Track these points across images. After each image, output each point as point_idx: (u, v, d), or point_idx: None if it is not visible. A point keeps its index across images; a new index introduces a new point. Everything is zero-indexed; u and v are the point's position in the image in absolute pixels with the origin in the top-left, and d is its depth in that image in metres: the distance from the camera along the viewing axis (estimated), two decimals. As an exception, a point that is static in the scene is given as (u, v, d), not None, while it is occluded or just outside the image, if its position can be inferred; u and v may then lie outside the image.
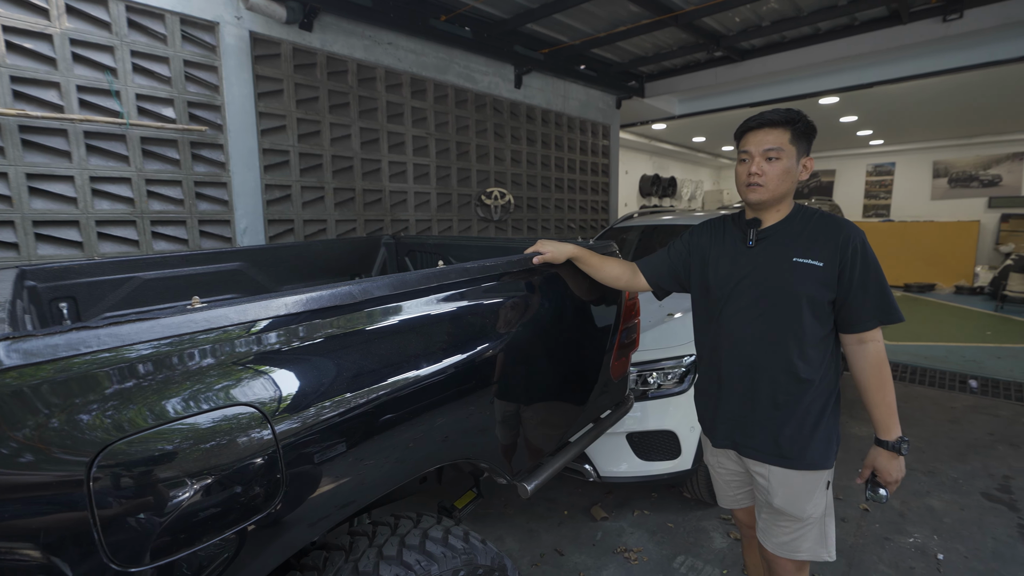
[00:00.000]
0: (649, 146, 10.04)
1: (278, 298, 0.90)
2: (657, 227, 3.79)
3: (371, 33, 3.63)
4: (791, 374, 1.29)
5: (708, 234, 1.49)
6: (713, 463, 1.58)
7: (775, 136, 1.27)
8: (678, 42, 4.75)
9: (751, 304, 1.32)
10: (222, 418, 0.80)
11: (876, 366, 1.26)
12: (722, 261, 1.39)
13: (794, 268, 1.26)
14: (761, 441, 1.35)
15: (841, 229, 1.26)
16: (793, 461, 1.31)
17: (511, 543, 2.36)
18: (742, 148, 1.33)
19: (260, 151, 3.16)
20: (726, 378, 1.39)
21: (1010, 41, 4.26)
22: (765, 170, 1.27)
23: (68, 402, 0.69)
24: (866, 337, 1.26)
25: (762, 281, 1.31)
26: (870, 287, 1.23)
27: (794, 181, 1.30)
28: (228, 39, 2.96)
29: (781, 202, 1.33)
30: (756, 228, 1.35)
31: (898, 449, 1.27)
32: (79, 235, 2.60)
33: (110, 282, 1.99)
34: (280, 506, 0.87)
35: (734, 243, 1.40)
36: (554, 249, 1.54)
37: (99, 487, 0.70)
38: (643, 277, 1.58)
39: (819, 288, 1.25)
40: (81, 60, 2.52)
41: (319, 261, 2.61)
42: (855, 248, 1.24)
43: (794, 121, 1.27)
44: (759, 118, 1.30)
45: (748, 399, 1.35)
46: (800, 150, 1.29)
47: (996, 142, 10.05)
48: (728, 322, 1.36)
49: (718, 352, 1.40)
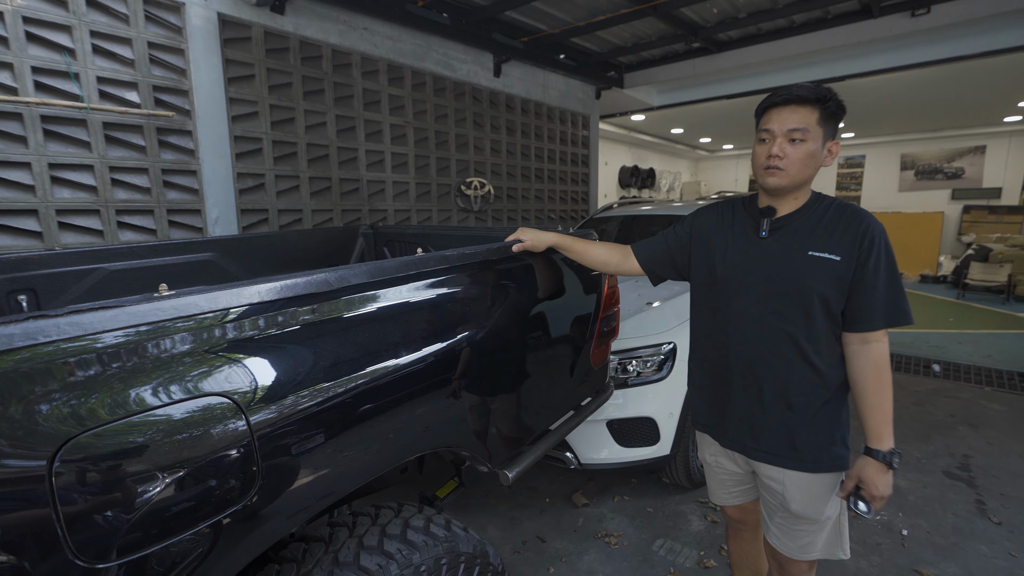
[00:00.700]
0: (628, 137, 10.09)
1: (251, 286, 0.87)
2: (636, 217, 3.82)
3: (346, 18, 3.54)
4: (806, 374, 1.20)
5: (714, 219, 1.37)
6: (711, 462, 1.48)
7: (802, 115, 1.13)
8: (657, 32, 4.76)
9: (762, 299, 1.22)
10: (193, 409, 0.77)
11: (877, 368, 1.16)
12: (730, 250, 1.28)
13: (810, 262, 1.16)
14: (776, 445, 1.25)
15: (861, 221, 1.16)
16: (812, 464, 1.23)
17: (493, 531, 2.37)
18: (763, 126, 1.19)
19: (231, 138, 3.06)
20: (735, 378, 1.29)
21: (974, 37, 4.40)
22: (787, 152, 1.15)
23: (26, 394, 0.66)
24: (871, 337, 1.16)
25: (775, 275, 1.20)
26: (883, 285, 1.14)
27: (817, 166, 1.18)
28: (195, 20, 2.84)
29: (800, 189, 1.21)
30: (770, 217, 1.24)
31: (889, 462, 1.15)
32: (38, 225, 2.48)
33: (73, 273, 1.91)
34: (256, 498, 0.85)
35: (744, 231, 1.28)
36: (534, 237, 1.48)
37: (62, 482, 0.67)
38: (635, 260, 1.49)
39: (835, 284, 1.15)
40: (36, 40, 2.39)
41: (294, 252, 2.55)
42: (872, 241, 1.14)
43: (825, 99, 1.13)
44: (785, 92, 1.16)
45: (759, 400, 1.26)
46: (827, 132, 1.16)
47: (960, 136, 10.42)
48: (736, 317, 1.27)
49: (724, 350, 1.30)
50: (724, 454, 1.42)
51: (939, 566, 2.09)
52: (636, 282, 2.94)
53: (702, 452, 1.52)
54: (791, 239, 1.20)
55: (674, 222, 3.71)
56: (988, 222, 10.16)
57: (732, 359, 1.29)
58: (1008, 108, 8.18)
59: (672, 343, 2.36)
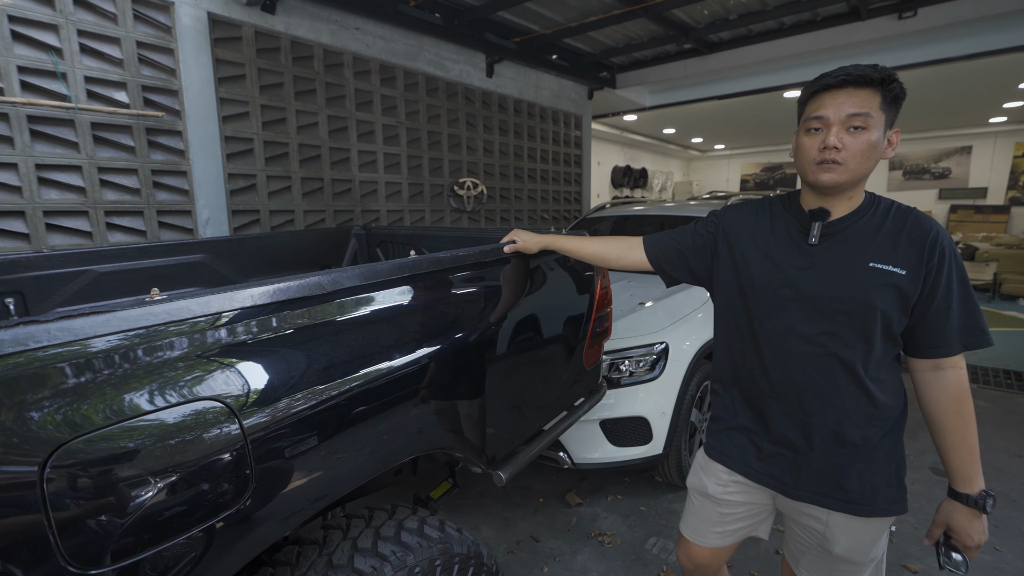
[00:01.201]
0: (621, 137, 10.13)
1: (243, 289, 0.87)
2: (628, 218, 3.84)
3: (338, 17, 3.53)
4: (862, 404, 1.04)
5: (749, 220, 1.18)
6: (716, 494, 1.24)
7: (863, 98, 0.96)
8: (648, 33, 4.79)
9: (812, 316, 1.05)
10: (185, 413, 0.77)
11: (957, 399, 1.01)
12: (770, 258, 1.10)
13: (871, 275, 1.00)
14: (822, 484, 1.09)
15: (929, 229, 1.00)
16: (864, 507, 1.06)
17: (487, 531, 2.38)
18: (814, 114, 1.00)
19: (222, 138, 3.04)
20: (775, 407, 1.12)
21: (959, 39, 4.47)
22: (847, 143, 0.97)
23: (16, 401, 0.65)
24: (945, 363, 1.01)
25: (829, 289, 1.03)
26: (957, 303, 0.99)
27: (878, 160, 1.00)
28: (185, 20, 2.82)
29: (856, 187, 1.03)
30: (823, 221, 1.05)
31: (982, 506, 1.00)
32: (25, 227, 2.45)
33: (61, 276, 1.89)
34: (249, 502, 0.85)
35: (788, 236, 1.10)
36: (527, 238, 1.45)
37: (54, 488, 0.67)
38: (642, 253, 1.31)
39: (900, 302, 0.99)
40: (22, 39, 2.36)
41: (287, 253, 2.54)
42: (943, 253, 0.98)
43: (888, 81, 0.96)
44: (841, 73, 0.98)
45: (804, 434, 1.09)
46: (889, 119, 0.99)
47: (946, 136, 10.57)
48: (779, 337, 1.09)
49: (762, 374, 1.13)
50: (741, 487, 1.22)
51: (926, 561, 2.13)
52: (629, 282, 2.95)
53: (703, 481, 1.28)
54: (847, 247, 1.03)
55: (666, 223, 3.75)
56: (974, 221, 10.33)
57: (771, 385, 1.12)
58: (993, 109, 8.31)
59: (664, 343, 2.38)
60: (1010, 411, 3.62)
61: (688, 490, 1.36)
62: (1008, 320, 6.41)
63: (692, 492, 1.33)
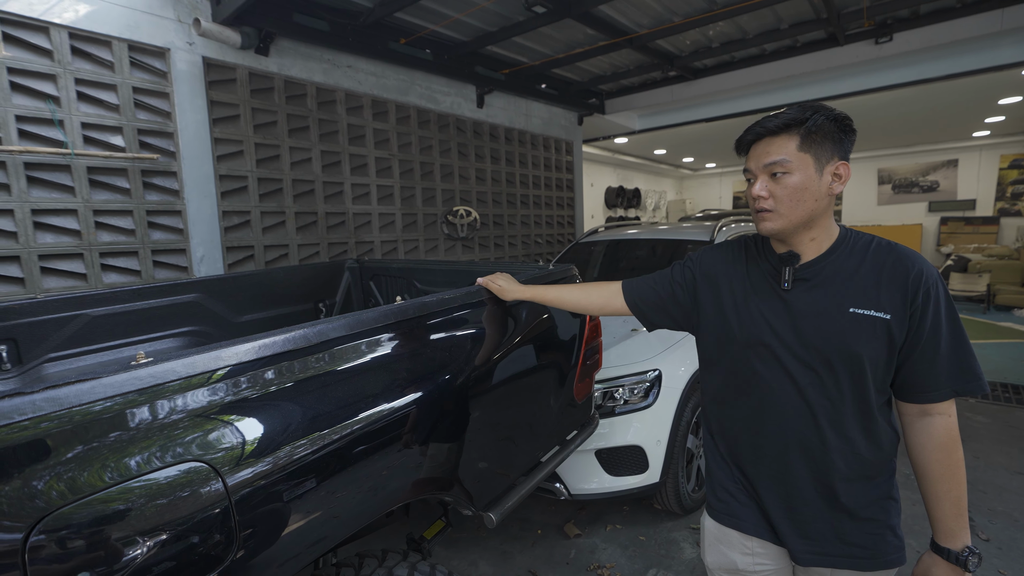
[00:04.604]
0: (613, 159, 10.29)
1: (229, 347, 0.89)
2: (621, 241, 3.88)
3: (330, 56, 3.62)
4: (853, 458, 0.99)
5: (726, 264, 1.14)
6: (744, 564, 1.13)
7: (778, 145, 0.97)
8: (634, 62, 4.92)
9: (794, 367, 1.00)
10: (169, 476, 0.78)
11: (944, 448, 0.95)
12: (748, 306, 1.06)
13: (853, 322, 0.95)
14: (824, 543, 1.04)
15: (911, 266, 0.95)
16: (865, 562, 1.02)
17: (485, 567, 2.34)
18: (745, 167, 1.03)
19: (216, 177, 3.10)
20: (765, 462, 1.07)
21: (935, 61, 4.60)
22: (773, 191, 0.97)
23: (1, 472, 0.66)
24: (933, 409, 0.96)
25: (808, 337, 0.98)
26: (946, 346, 0.93)
27: (817, 199, 0.96)
28: (180, 65, 2.90)
29: (810, 228, 1.00)
30: (792, 266, 1.01)
31: (964, 564, 0.94)
32: (20, 271, 2.47)
33: (54, 321, 1.90)
34: (234, 560, 0.85)
35: (763, 280, 1.06)
36: (506, 285, 1.42)
37: (36, 558, 0.67)
38: (622, 302, 1.29)
39: (888, 348, 0.95)
40: (20, 89, 2.42)
41: (281, 288, 2.56)
42: (927, 292, 0.93)
43: (799, 122, 0.95)
44: (756, 128, 1.00)
45: (796, 490, 1.04)
46: (819, 156, 0.96)
47: (932, 150, 10.76)
48: (763, 389, 1.05)
49: (749, 427, 1.09)
50: (767, 550, 1.11)
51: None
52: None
53: (728, 556, 1.15)
54: (825, 291, 0.98)
55: (658, 246, 3.77)
56: (965, 233, 10.43)
57: (759, 439, 1.07)
58: (976, 124, 8.48)
59: (658, 370, 2.39)
60: (1009, 425, 3.61)
61: (709, 569, 1.21)
62: (1004, 332, 6.43)
63: (716, 572, 1.19)
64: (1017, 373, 4.70)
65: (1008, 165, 10.09)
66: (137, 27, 2.73)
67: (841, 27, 4.05)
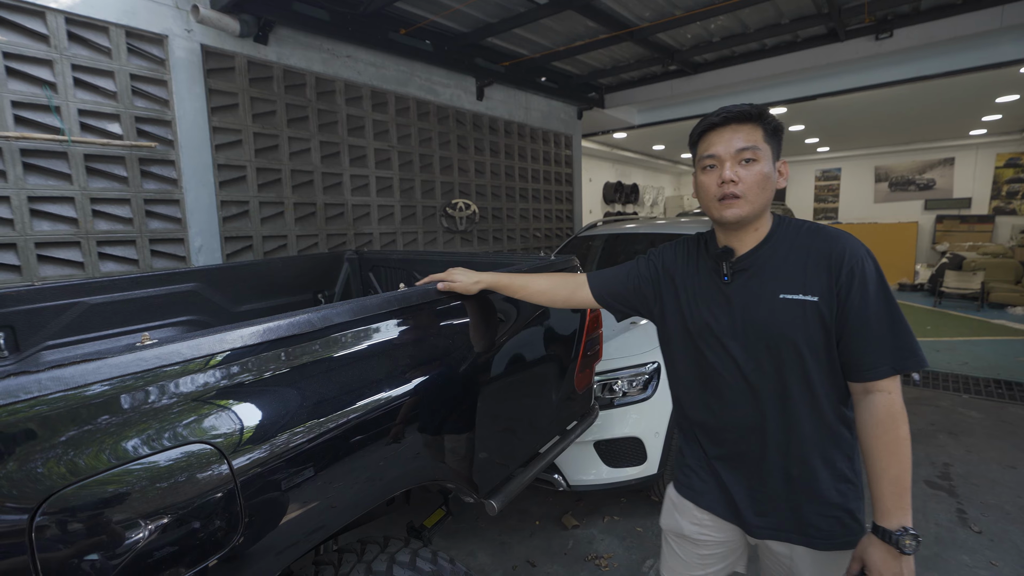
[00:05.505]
0: (611, 154, 10.27)
1: (233, 331, 0.89)
2: (620, 236, 3.89)
3: (329, 46, 3.60)
4: (803, 440, 1.02)
5: (681, 259, 1.18)
6: (692, 533, 1.20)
7: (748, 132, 0.99)
8: (634, 56, 4.90)
9: (741, 356, 1.05)
10: (175, 457, 0.78)
11: (882, 425, 0.94)
12: (697, 299, 1.11)
13: (782, 307, 0.99)
14: (779, 519, 1.07)
15: (834, 246, 0.98)
16: (823, 541, 1.03)
17: (483, 557, 2.35)
18: (706, 152, 1.03)
19: (215, 166, 3.07)
20: (726, 444, 1.12)
21: (934, 58, 4.61)
22: (742, 176, 0.98)
23: (6, 452, 0.66)
24: (874, 387, 0.96)
25: (747, 326, 1.03)
26: (876, 321, 0.94)
27: (774, 190, 1.02)
28: (178, 52, 2.87)
29: (761, 218, 1.04)
30: (729, 260, 1.06)
31: (899, 544, 0.90)
32: (16, 259, 2.45)
33: (52, 309, 1.89)
34: (239, 543, 0.85)
35: (708, 275, 1.11)
36: (464, 278, 1.31)
37: (43, 537, 0.67)
38: (588, 293, 1.29)
39: (821, 328, 0.97)
40: (16, 74, 2.39)
41: (279, 279, 2.55)
42: (852, 269, 0.95)
43: (765, 116, 1.00)
44: (723, 112, 1.01)
45: (756, 470, 1.08)
46: (775, 150, 1.02)
47: (929, 148, 10.79)
48: (715, 377, 1.09)
49: (709, 412, 1.13)
50: (715, 524, 1.18)
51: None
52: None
53: (678, 521, 1.24)
54: (759, 280, 1.03)
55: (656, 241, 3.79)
56: (960, 231, 10.49)
57: (717, 423, 1.12)
58: (973, 122, 8.52)
59: (656, 362, 2.40)
60: (1002, 421, 3.65)
61: (663, 532, 1.30)
62: (997, 329, 6.48)
63: (667, 534, 1.28)
64: (1010, 370, 4.75)
65: (1004, 164, 10.14)
66: (134, 13, 2.69)
67: (842, 22, 4.05)
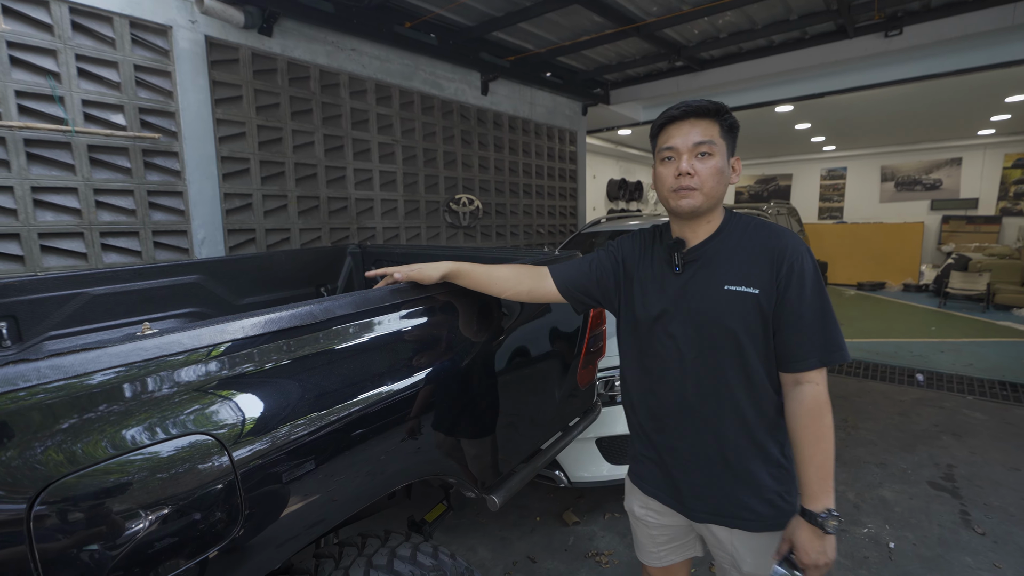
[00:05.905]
0: (616, 151, 10.23)
1: (235, 321, 0.88)
2: (623, 232, 3.86)
3: (334, 39, 3.58)
4: (742, 425, 1.07)
5: (638, 250, 1.22)
6: (640, 514, 1.28)
7: (705, 127, 1.04)
8: (640, 51, 4.86)
9: (686, 342, 1.09)
10: (175, 448, 0.77)
11: (810, 414, 1.01)
12: (649, 288, 1.15)
13: (727, 298, 1.04)
14: (716, 504, 1.12)
15: (777, 242, 1.04)
16: (757, 523, 1.09)
17: (484, 552, 2.35)
18: (665, 145, 1.07)
19: (218, 159, 3.07)
20: (668, 430, 1.16)
21: (944, 56, 4.56)
22: (698, 169, 1.03)
23: (6, 439, 0.66)
24: (803, 378, 1.02)
25: (694, 315, 1.07)
26: (809, 316, 1.00)
27: (727, 184, 1.08)
28: (182, 43, 2.86)
29: (714, 211, 1.10)
30: (680, 250, 1.11)
31: (822, 525, 0.98)
32: (20, 249, 2.45)
33: (55, 299, 1.89)
34: (239, 536, 0.84)
35: (661, 266, 1.15)
36: (418, 270, 1.24)
37: (41, 526, 0.66)
38: (551, 284, 1.27)
39: (761, 321, 1.03)
40: (20, 64, 2.39)
41: (282, 272, 2.54)
42: (792, 266, 1.01)
43: (722, 112, 1.06)
44: (682, 106, 1.05)
45: (694, 456, 1.13)
46: (729, 147, 1.07)
47: (936, 148, 10.70)
48: (662, 363, 1.13)
49: (654, 398, 1.17)
50: (658, 509, 1.25)
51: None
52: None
53: (629, 502, 1.33)
54: (709, 271, 1.08)
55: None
56: (966, 232, 10.40)
57: (663, 409, 1.16)
58: (981, 122, 8.43)
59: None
60: (1006, 423, 3.62)
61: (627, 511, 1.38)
62: (1002, 330, 6.44)
63: (628, 513, 1.36)
64: (1015, 371, 4.72)
65: (1012, 164, 10.04)
66: (139, 3, 2.68)
67: (851, 19, 4.00)
